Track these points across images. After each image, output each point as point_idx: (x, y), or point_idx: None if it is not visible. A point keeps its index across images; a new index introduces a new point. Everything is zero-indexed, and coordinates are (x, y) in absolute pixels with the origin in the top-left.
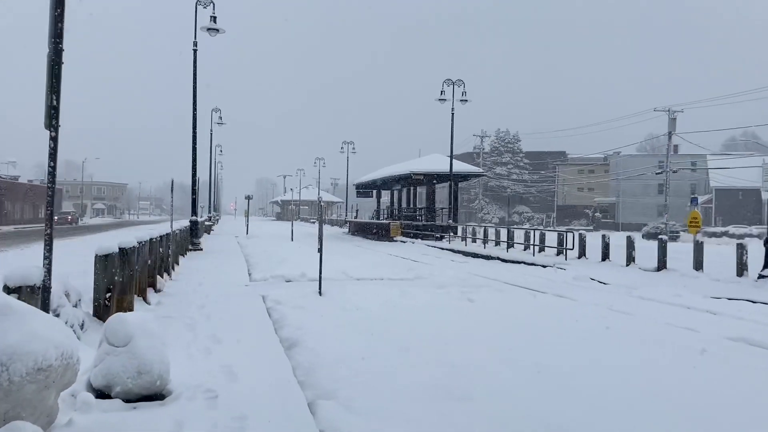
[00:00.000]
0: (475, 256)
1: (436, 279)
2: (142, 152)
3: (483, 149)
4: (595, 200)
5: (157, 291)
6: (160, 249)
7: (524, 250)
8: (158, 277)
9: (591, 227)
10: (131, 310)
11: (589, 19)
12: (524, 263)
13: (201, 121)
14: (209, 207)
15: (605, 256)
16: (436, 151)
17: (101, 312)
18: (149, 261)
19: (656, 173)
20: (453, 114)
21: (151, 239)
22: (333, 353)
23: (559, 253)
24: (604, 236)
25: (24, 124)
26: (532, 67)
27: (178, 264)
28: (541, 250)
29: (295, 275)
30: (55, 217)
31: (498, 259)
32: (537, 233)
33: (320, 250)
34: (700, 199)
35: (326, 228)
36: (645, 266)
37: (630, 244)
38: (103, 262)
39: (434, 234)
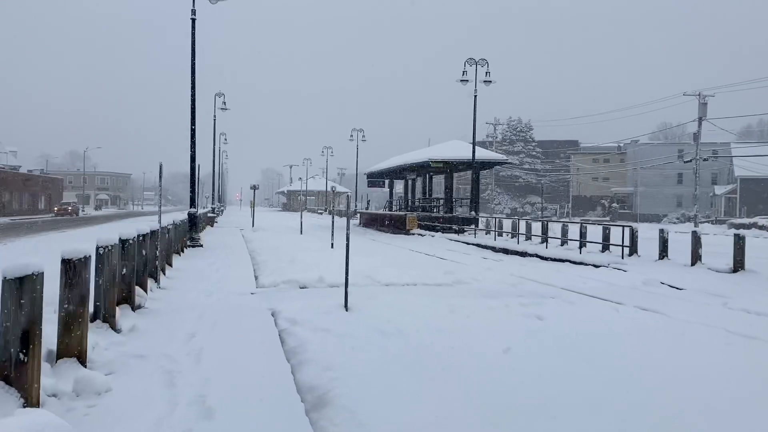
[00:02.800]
0: (507, 252)
1: (481, 285)
2: (147, 142)
3: (496, 138)
4: (611, 190)
5: (135, 308)
6: (143, 251)
7: (561, 245)
8: (138, 288)
9: (607, 218)
10: (82, 350)
11: (598, 9)
12: (570, 262)
13: (205, 108)
14: (213, 197)
15: (663, 253)
16: (448, 140)
17: (12, 373)
18: (124, 270)
19: (685, 162)
20: (476, 96)
21: (124, 242)
22: (385, 422)
23: (604, 249)
24: (662, 231)
25: (29, 115)
26: (542, 57)
27: (171, 266)
28: (582, 246)
29: (311, 280)
30: (55, 208)
31: (537, 256)
32: (575, 227)
33: (347, 255)
34: (723, 189)
35: (336, 220)
36: (715, 266)
37: (696, 240)
38: (15, 290)
39: (452, 227)
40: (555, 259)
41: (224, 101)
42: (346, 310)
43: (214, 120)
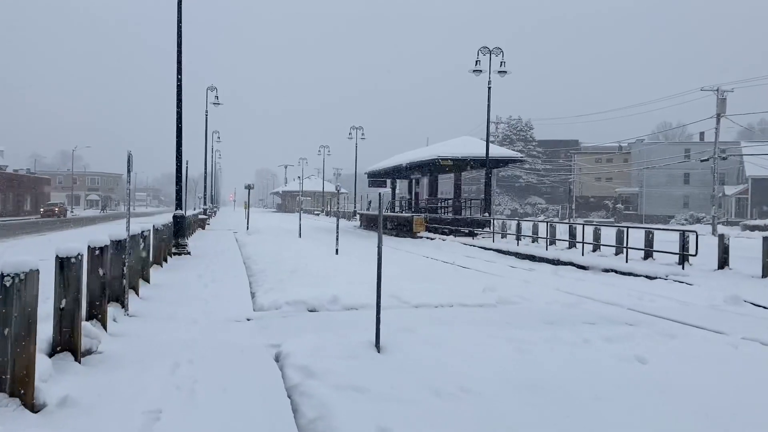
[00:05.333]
0: (535, 259)
1: (533, 305)
2: (140, 143)
3: (497, 137)
4: (616, 191)
5: (81, 357)
6: (101, 271)
7: (593, 251)
8: (89, 325)
9: (612, 219)
10: None
11: (594, 9)
12: (616, 272)
13: (197, 105)
14: (205, 198)
15: (723, 262)
16: (446, 139)
17: None
18: (63, 304)
19: (701, 160)
20: (490, 87)
21: (64, 261)
22: None
23: (646, 256)
24: (722, 236)
25: (20, 115)
26: (539, 56)
27: (148, 281)
28: (619, 251)
29: (323, 300)
30: (41, 209)
31: (572, 264)
32: (608, 231)
33: (378, 281)
34: (733, 189)
35: (334, 221)
36: None
37: None
38: None
39: (462, 229)
40: (598, 269)
41: (216, 95)
42: (378, 352)
43: (206, 115)
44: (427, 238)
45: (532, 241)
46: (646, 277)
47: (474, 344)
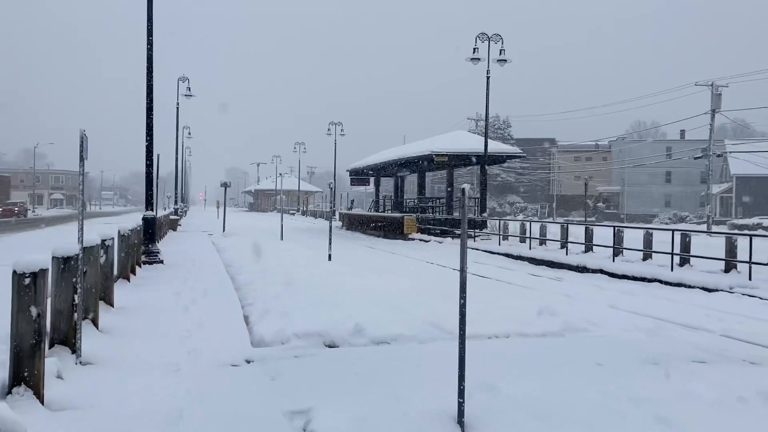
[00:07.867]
0: (553, 265)
1: (609, 334)
2: (106, 140)
3: (477, 134)
4: (597, 189)
5: None
6: (34, 310)
7: (615, 256)
8: (2, 407)
9: (593, 218)
10: None
11: (577, 9)
12: (661, 282)
13: (166, 100)
14: (176, 197)
15: None
16: (424, 137)
17: None
18: None
19: (695, 158)
20: (489, 77)
21: None
22: None
23: (683, 262)
24: None
25: None
26: (515, 55)
27: (112, 305)
28: (647, 257)
29: (341, 329)
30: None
31: (602, 272)
32: (631, 233)
33: (463, 306)
34: (718, 188)
35: (313, 221)
36: None
37: None
38: None
39: (456, 231)
40: (633, 278)
41: (189, 86)
42: (463, 431)
43: (177, 108)
44: (421, 240)
45: (540, 244)
46: (703, 289)
47: (591, 409)
